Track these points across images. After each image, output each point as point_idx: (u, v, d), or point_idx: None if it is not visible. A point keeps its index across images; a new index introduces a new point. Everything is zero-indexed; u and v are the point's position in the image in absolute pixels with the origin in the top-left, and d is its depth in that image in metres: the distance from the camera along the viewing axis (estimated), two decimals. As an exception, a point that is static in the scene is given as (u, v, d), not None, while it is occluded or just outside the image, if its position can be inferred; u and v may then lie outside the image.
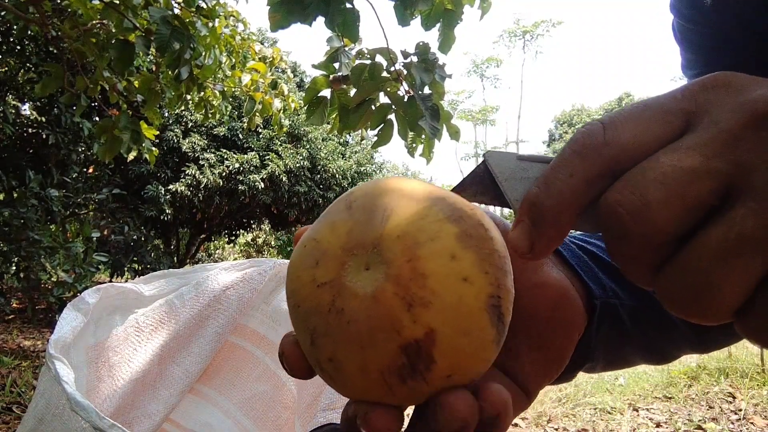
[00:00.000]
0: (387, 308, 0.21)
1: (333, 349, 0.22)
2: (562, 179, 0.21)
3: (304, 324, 0.24)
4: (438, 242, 0.22)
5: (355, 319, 0.22)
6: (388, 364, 0.22)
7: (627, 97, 23.91)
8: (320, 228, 0.25)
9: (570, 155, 0.21)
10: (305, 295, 0.24)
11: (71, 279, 3.92)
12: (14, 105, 4.52)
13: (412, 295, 0.21)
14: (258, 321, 0.70)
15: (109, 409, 0.56)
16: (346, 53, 1.85)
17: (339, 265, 0.23)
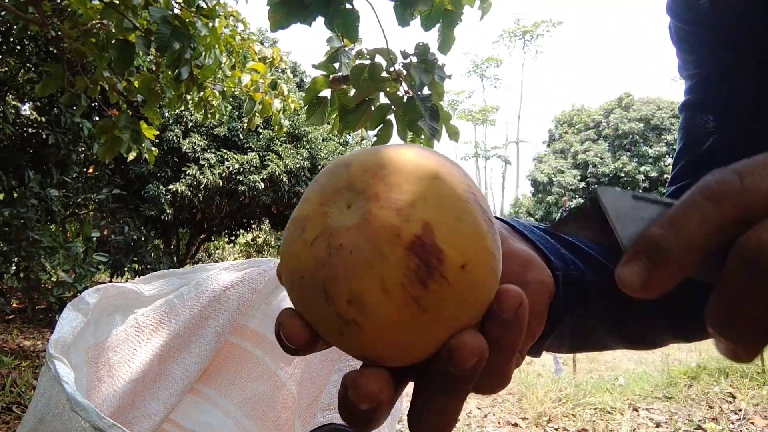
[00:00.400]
0: (380, 222, 0.23)
1: (347, 285, 0.23)
2: (693, 222, 0.20)
3: (311, 285, 0.24)
4: (403, 157, 0.25)
5: (356, 246, 0.23)
6: (404, 272, 0.22)
7: (627, 97, 23.92)
8: (297, 206, 0.27)
9: (701, 200, 0.20)
10: (303, 259, 0.24)
11: (71, 279, 3.93)
12: (14, 105, 4.52)
13: (396, 202, 0.23)
14: (258, 321, 0.70)
15: (109, 409, 0.56)
16: (346, 53, 1.85)
17: (323, 217, 0.24)
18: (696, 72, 0.50)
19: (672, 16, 0.50)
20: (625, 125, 22.47)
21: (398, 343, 0.23)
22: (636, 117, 22.55)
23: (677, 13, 0.49)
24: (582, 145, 23.40)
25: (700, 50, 0.49)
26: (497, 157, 32.54)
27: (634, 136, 22.28)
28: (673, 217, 0.21)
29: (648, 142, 22.14)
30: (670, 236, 0.20)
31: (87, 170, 5.16)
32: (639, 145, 22.15)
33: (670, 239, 0.20)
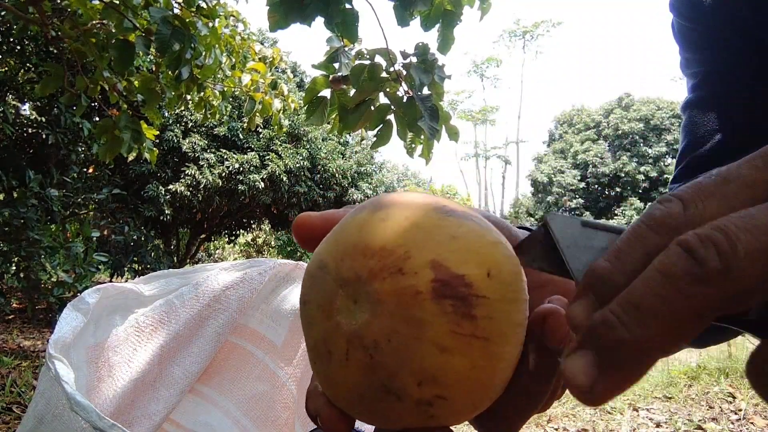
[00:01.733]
0: (394, 294, 0.22)
1: (409, 371, 0.22)
2: (636, 257, 0.19)
3: (374, 396, 0.23)
4: (362, 222, 0.24)
5: (390, 331, 0.22)
6: (447, 320, 0.21)
7: (627, 97, 23.92)
8: (305, 332, 0.25)
9: (645, 231, 0.19)
10: (351, 378, 0.23)
11: (71, 279, 3.93)
12: (14, 105, 4.52)
13: (392, 266, 0.22)
14: (258, 321, 0.70)
15: (109, 409, 0.56)
16: (345, 53, 1.85)
17: (338, 329, 0.23)
18: (699, 70, 0.50)
19: (675, 14, 0.50)
20: (625, 125, 22.47)
21: (485, 386, 0.23)
22: (636, 117, 22.55)
23: (680, 11, 0.49)
24: (582, 145, 23.40)
25: (703, 48, 0.49)
26: (497, 157, 32.55)
27: (634, 136, 22.28)
28: (617, 250, 0.20)
29: (648, 142, 22.13)
30: (614, 270, 0.19)
31: (87, 170, 5.16)
32: (639, 145, 22.14)
33: (614, 274, 0.19)
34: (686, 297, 0.17)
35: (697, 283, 0.17)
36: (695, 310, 0.17)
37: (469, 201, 14.83)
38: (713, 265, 0.16)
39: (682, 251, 0.17)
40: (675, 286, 0.17)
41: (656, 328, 0.17)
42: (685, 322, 0.17)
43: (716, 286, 0.16)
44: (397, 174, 28.08)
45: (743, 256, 0.16)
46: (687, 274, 0.17)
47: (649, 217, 0.20)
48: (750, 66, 0.45)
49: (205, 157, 7.02)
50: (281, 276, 0.70)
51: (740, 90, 0.47)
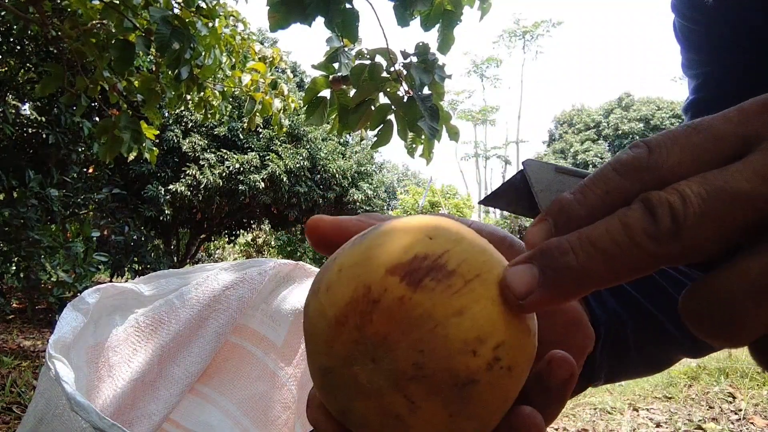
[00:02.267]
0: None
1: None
2: (597, 193, 0.20)
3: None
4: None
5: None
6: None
7: (627, 97, 23.92)
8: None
9: (610, 172, 0.21)
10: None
11: (71, 279, 3.93)
12: (14, 105, 4.52)
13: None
14: (258, 321, 0.70)
15: (109, 409, 0.56)
16: (345, 53, 1.85)
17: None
18: (700, 71, 0.50)
19: (677, 14, 0.50)
20: (625, 125, 22.47)
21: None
22: (636, 117, 22.56)
23: (682, 11, 0.49)
24: (582, 145, 23.40)
25: (705, 49, 0.49)
26: (497, 157, 32.56)
27: (634, 136, 22.27)
28: (582, 186, 0.21)
29: (648, 142, 22.11)
30: (576, 203, 0.21)
31: (87, 170, 5.16)
32: (639, 145, 22.13)
33: (575, 206, 0.21)
34: (636, 247, 0.18)
35: (648, 238, 0.18)
36: (641, 260, 0.18)
37: (469, 201, 14.81)
38: (665, 225, 0.18)
39: (643, 207, 0.19)
40: (629, 236, 0.18)
41: (602, 265, 0.19)
42: (628, 266, 0.19)
43: (665, 244, 0.18)
44: (397, 174, 28.08)
45: (692, 221, 0.18)
46: (642, 229, 0.18)
47: (616, 159, 0.21)
48: (752, 67, 0.45)
49: (205, 157, 7.02)
50: (281, 276, 0.70)
51: (742, 91, 0.47)
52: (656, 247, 0.18)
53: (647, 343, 0.41)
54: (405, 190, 15.92)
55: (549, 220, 0.21)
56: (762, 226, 0.18)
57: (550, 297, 0.20)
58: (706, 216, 0.18)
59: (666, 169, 0.19)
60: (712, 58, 0.49)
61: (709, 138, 0.19)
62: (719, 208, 0.17)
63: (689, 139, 0.20)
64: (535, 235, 0.21)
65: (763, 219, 0.18)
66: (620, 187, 0.20)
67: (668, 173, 0.19)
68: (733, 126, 0.19)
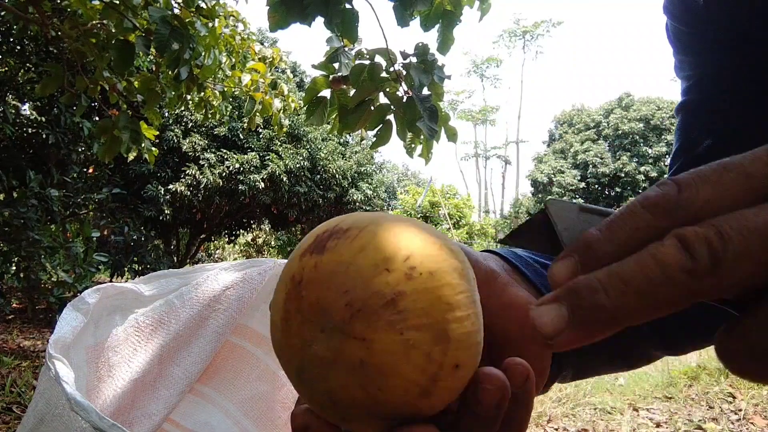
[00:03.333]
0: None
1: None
2: (626, 230, 0.20)
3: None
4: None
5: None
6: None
7: (627, 97, 23.92)
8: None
9: (638, 210, 0.20)
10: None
11: (71, 279, 3.93)
12: (14, 105, 4.52)
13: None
14: (258, 321, 0.70)
15: (109, 409, 0.56)
16: (345, 53, 1.85)
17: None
18: (692, 73, 0.50)
19: (669, 16, 0.50)
20: (625, 125, 22.47)
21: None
22: (636, 117, 22.55)
23: (674, 13, 0.49)
24: (582, 145, 23.40)
25: (697, 51, 0.49)
26: (497, 157, 32.54)
27: (634, 136, 22.27)
28: (610, 223, 0.21)
29: (648, 142, 22.13)
30: (604, 240, 0.20)
31: (87, 170, 5.16)
32: (639, 145, 22.14)
33: (603, 243, 0.20)
34: (673, 284, 0.18)
35: (686, 275, 0.18)
36: (677, 296, 0.18)
37: (469, 201, 14.79)
38: (703, 262, 0.17)
39: (678, 244, 0.18)
40: (665, 273, 0.18)
41: (636, 303, 0.18)
42: (663, 303, 0.18)
43: (703, 280, 0.18)
44: (397, 174, 28.07)
45: (732, 257, 0.17)
46: (678, 266, 0.18)
47: (645, 197, 0.21)
48: (744, 68, 0.45)
49: (205, 157, 7.02)
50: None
51: (732, 93, 0.47)
52: (694, 284, 0.18)
53: (616, 336, 0.41)
54: (405, 190, 15.92)
55: (574, 257, 0.21)
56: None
57: (581, 337, 0.20)
58: (746, 253, 0.17)
59: (697, 206, 0.19)
60: (703, 60, 0.49)
61: (740, 176, 0.19)
62: (758, 245, 0.17)
63: (719, 177, 0.19)
64: (560, 272, 0.21)
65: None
66: (650, 225, 0.20)
67: (699, 212, 0.19)
68: (763, 165, 0.19)
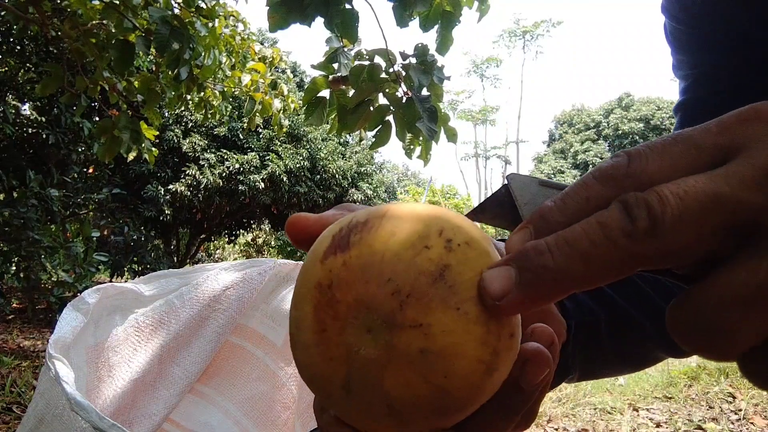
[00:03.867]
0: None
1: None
2: (577, 200, 0.21)
3: None
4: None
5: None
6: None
7: (627, 97, 23.92)
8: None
9: (590, 180, 0.21)
10: None
11: (71, 279, 3.93)
12: (14, 105, 4.52)
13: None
14: (258, 321, 0.71)
15: (109, 409, 0.56)
16: (345, 54, 1.86)
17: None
18: (690, 72, 0.51)
19: (666, 15, 0.50)
20: (625, 125, 22.46)
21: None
22: (636, 117, 22.54)
23: (671, 13, 0.49)
24: (582, 145, 23.40)
25: (695, 50, 0.49)
26: (497, 157, 32.54)
27: (634, 136, 22.27)
28: (564, 194, 0.21)
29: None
30: (556, 210, 0.21)
31: (87, 170, 5.16)
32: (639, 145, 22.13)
33: (555, 213, 0.21)
34: (613, 246, 0.18)
35: (625, 236, 0.18)
36: (618, 259, 0.18)
37: (469, 201, 14.80)
38: (642, 224, 0.18)
39: (620, 206, 0.19)
40: (606, 235, 0.18)
41: (579, 265, 0.19)
42: (606, 267, 0.19)
43: (642, 243, 0.18)
44: (397, 174, 28.06)
45: (670, 220, 0.17)
46: (619, 228, 0.18)
47: (597, 168, 0.21)
48: (742, 68, 0.45)
49: (205, 157, 7.02)
50: (281, 276, 0.70)
51: (730, 92, 0.47)
52: (633, 246, 0.18)
53: (622, 336, 0.41)
54: (405, 190, 15.92)
55: (530, 228, 0.21)
56: (741, 234, 0.18)
57: (527, 298, 0.20)
58: (684, 216, 0.17)
59: (645, 176, 0.20)
60: (701, 59, 0.49)
61: (689, 147, 0.20)
62: (697, 209, 0.17)
63: (669, 149, 0.20)
64: (515, 242, 0.22)
65: (742, 225, 0.17)
66: (600, 194, 0.20)
67: (647, 181, 0.19)
68: (712, 136, 0.19)
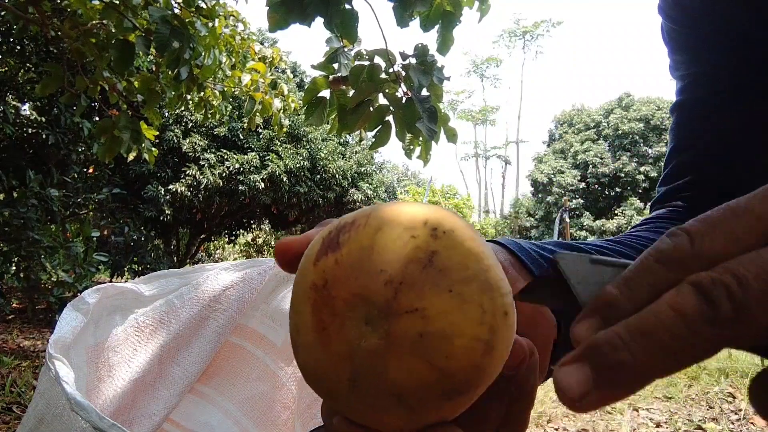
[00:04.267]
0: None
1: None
2: (643, 285, 0.20)
3: None
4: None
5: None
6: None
7: (627, 97, 23.91)
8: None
9: (652, 264, 0.20)
10: None
11: (71, 279, 3.93)
12: (14, 105, 4.52)
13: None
14: (258, 321, 0.71)
15: (109, 409, 0.56)
16: (345, 54, 1.85)
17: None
18: (687, 72, 0.51)
19: (664, 16, 0.50)
20: (625, 125, 22.44)
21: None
22: (636, 117, 22.53)
23: (668, 14, 0.49)
24: (582, 145, 23.38)
25: (691, 51, 0.49)
26: (497, 157, 32.54)
27: (634, 136, 22.25)
28: (626, 278, 0.20)
29: (648, 142, 22.11)
30: (623, 297, 0.20)
31: (87, 170, 5.16)
32: (639, 145, 22.12)
33: (623, 300, 0.20)
34: (696, 335, 0.17)
35: (708, 324, 0.17)
36: (702, 347, 0.17)
37: (469, 201, 14.80)
38: (725, 309, 0.17)
39: (695, 291, 0.18)
40: (686, 324, 0.17)
41: (660, 357, 0.18)
42: (689, 355, 0.18)
43: (727, 328, 0.17)
44: (397, 174, 28.06)
45: (754, 301, 0.17)
46: (698, 315, 0.17)
47: (657, 249, 0.20)
48: (739, 68, 0.45)
49: (205, 157, 7.02)
50: (281, 276, 0.70)
51: (727, 92, 0.47)
52: (717, 333, 0.17)
53: None
54: (405, 190, 15.93)
55: (596, 317, 0.21)
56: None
57: (608, 396, 0.19)
58: (766, 295, 0.17)
59: (711, 255, 0.19)
60: (698, 59, 0.49)
61: (750, 220, 0.19)
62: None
63: (729, 223, 0.19)
64: (582, 333, 0.21)
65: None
66: (666, 279, 0.19)
67: (713, 259, 0.18)
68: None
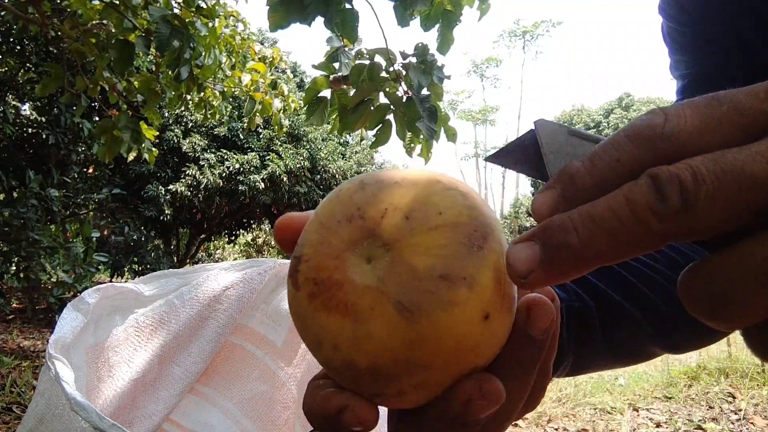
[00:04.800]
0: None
1: None
2: (608, 162, 0.19)
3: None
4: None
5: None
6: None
7: (627, 97, 23.92)
8: None
9: (622, 140, 0.19)
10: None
11: (71, 279, 3.93)
12: (14, 105, 4.52)
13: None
14: (258, 321, 0.70)
15: (109, 409, 0.56)
16: (345, 53, 1.86)
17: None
18: (687, 72, 0.51)
19: (664, 16, 0.50)
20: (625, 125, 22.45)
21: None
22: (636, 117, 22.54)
23: (669, 13, 0.49)
24: (582, 145, 23.36)
25: (691, 51, 0.49)
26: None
27: (634, 136, 22.25)
28: (593, 154, 0.20)
29: (648, 142, 22.12)
30: (585, 172, 0.20)
31: (87, 170, 5.16)
32: (639, 145, 22.14)
33: (584, 175, 0.20)
34: (641, 225, 0.17)
35: (654, 216, 0.17)
36: (645, 237, 0.17)
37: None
38: (674, 203, 0.17)
39: (650, 182, 0.17)
40: (633, 213, 0.17)
41: (604, 243, 0.18)
42: (632, 244, 0.18)
43: (671, 222, 0.17)
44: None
45: (703, 200, 0.17)
46: (647, 206, 0.17)
47: (630, 126, 0.20)
48: (738, 69, 0.45)
49: (205, 157, 7.02)
50: (281, 276, 0.70)
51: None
52: (661, 226, 0.17)
53: (614, 327, 0.41)
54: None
55: (557, 189, 0.20)
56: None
57: (550, 275, 0.19)
58: (718, 197, 0.17)
59: (682, 138, 0.18)
60: (698, 60, 0.49)
61: (732, 111, 0.18)
62: (733, 191, 0.17)
63: (710, 110, 0.19)
64: (543, 205, 0.21)
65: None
66: (632, 155, 0.19)
67: (684, 144, 0.18)
68: (758, 102, 0.18)
